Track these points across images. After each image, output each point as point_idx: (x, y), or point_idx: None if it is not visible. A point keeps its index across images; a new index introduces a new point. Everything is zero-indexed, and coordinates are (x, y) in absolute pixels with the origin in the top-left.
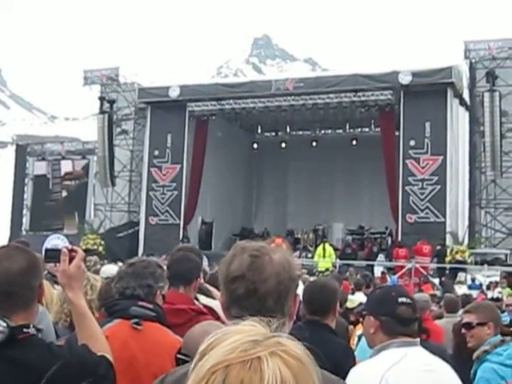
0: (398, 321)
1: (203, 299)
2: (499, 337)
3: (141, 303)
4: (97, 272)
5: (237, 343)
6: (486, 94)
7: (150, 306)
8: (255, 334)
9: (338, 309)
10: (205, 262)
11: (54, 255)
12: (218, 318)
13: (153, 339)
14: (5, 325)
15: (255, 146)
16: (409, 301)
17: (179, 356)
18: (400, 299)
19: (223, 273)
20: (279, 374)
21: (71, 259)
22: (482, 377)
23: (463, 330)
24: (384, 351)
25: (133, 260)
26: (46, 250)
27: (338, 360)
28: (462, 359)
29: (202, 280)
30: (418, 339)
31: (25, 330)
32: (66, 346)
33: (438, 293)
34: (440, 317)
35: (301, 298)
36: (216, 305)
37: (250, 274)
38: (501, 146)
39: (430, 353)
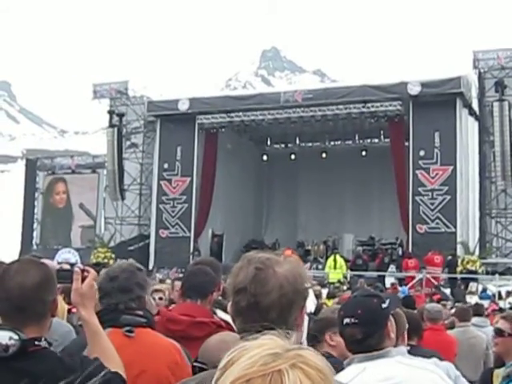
0: (347, 341)
1: (220, 313)
2: None
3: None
4: None
5: (256, 357)
6: (495, 104)
7: (141, 313)
8: (275, 347)
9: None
10: None
11: (66, 275)
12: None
13: (146, 345)
14: (16, 337)
15: (265, 157)
16: (353, 321)
17: (196, 364)
18: (345, 320)
19: (231, 284)
20: None
21: (83, 279)
22: None
23: (493, 334)
24: (348, 367)
25: (112, 272)
26: (58, 271)
27: None
28: None
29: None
30: (389, 348)
31: (36, 342)
32: (78, 358)
33: (449, 303)
34: (452, 327)
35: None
36: None
37: (252, 286)
38: (511, 155)
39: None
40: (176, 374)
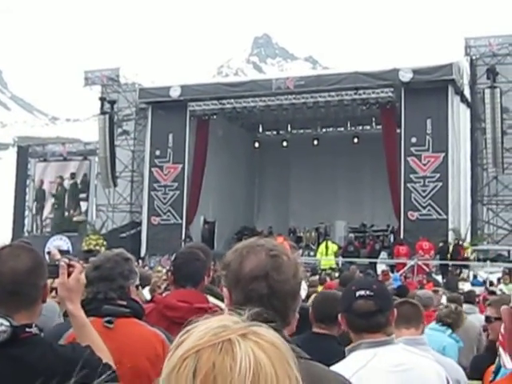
0: (357, 315)
1: (211, 299)
2: None
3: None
4: None
5: (206, 329)
6: (487, 91)
7: (124, 303)
8: (224, 320)
9: None
10: None
11: (52, 270)
12: None
13: (125, 336)
14: (7, 324)
15: (256, 144)
16: (368, 293)
17: None
18: (358, 293)
19: (236, 271)
20: (252, 355)
21: (69, 273)
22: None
23: (484, 323)
24: (354, 352)
25: (98, 261)
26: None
27: None
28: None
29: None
30: (393, 336)
31: (27, 329)
32: (69, 346)
33: (441, 290)
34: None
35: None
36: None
37: (274, 273)
38: (502, 142)
39: None
40: (156, 366)
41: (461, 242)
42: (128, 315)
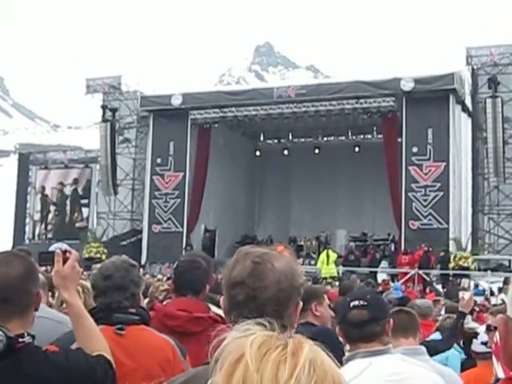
0: (351, 325)
1: (213, 308)
2: None
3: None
4: None
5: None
6: (488, 100)
7: (133, 311)
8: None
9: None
10: None
11: (47, 258)
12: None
13: (137, 343)
14: (2, 334)
15: (258, 153)
16: (362, 303)
17: None
18: (352, 303)
19: (225, 277)
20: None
21: (65, 260)
22: None
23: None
24: (349, 362)
25: (106, 270)
26: (40, 253)
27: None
28: None
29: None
30: (390, 345)
31: (20, 339)
32: (62, 352)
33: (442, 300)
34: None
35: None
36: None
37: (250, 280)
38: (503, 152)
39: None
40: (167, 372)
41: (430, 249)
42: (138, 322)
